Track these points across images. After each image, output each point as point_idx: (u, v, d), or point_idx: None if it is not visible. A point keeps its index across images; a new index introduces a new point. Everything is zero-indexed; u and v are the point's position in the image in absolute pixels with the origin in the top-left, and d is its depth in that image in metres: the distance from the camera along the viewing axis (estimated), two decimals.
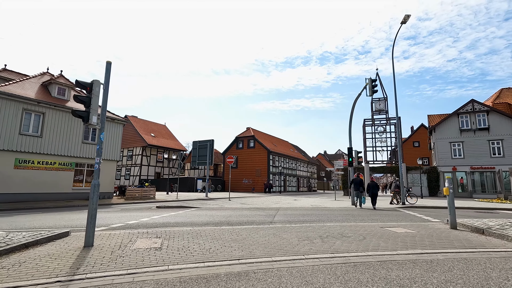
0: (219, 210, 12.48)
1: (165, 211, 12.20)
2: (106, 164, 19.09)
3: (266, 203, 16.93)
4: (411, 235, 6.14)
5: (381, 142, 32.22)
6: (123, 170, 42.93)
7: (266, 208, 13.30)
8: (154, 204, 16.53)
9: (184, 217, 9.69)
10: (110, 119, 19.36)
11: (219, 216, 9.98)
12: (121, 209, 13.05)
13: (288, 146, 54.63)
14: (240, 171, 42.45)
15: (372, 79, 14.81)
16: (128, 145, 42.75)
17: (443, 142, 29.42)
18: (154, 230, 6.52)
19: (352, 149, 15.91)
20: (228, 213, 11.13)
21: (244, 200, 19.79)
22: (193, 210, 12.56)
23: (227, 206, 14.69)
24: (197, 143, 26.64)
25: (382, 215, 10.61)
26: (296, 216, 10.01)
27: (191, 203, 16.58)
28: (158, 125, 48.71)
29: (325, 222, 8.40)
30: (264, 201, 19.46)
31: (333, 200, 20.95)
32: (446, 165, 28.94)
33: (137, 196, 19.50)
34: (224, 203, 16.92)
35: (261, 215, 10.26)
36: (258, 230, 6.67)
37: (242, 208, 13.31)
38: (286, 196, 28.07)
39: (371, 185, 14.11)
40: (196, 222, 8.39)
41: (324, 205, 15.98)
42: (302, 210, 12.65)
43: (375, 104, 32.58)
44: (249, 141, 42.76)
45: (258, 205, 15.25)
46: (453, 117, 29.46)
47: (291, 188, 46.87)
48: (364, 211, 12.19)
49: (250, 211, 12.04)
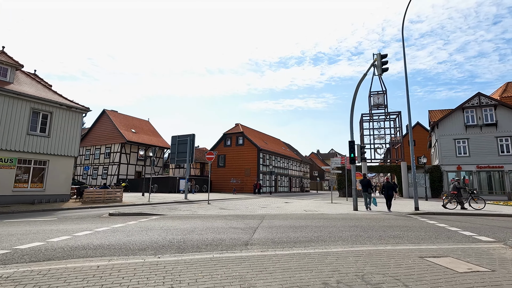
0: (187, 219, 9.58)
1: (115, 220, 9.25)
2: (60, 161, 15.95)
3: (251, 208, 14.09)
4: (487, 281, 3.37)
5: (379, 139, 29.77)
6: (100, 169, 39.47)
7: (248, 216, 10.45)
8: (116, 208, 13.51)
9: (126, 233, 6.77)
10: (65, 106, 16.20)
11: (177, 231, 7.09)
12: (61, 218, 10.03)
13: (280, 144, 51.93)
14: (228, 170, 39.51)
15: (381, 54, 12.14)
16: (106, 141, 39.33)
17: (447, 139, 27.12)
18: (21, 273, 3.58)
19: (355, 143, 13.21)
20: (194, 224, 8.25)
21: (226, 204, 16.90)
22: (153, 219, 9.63)
23: (201, 212, 11.79)
24: (176, 138, 23.61)
25: (402, 227, 7.89)
26: (285, 231, 7.19)
27: (161, 207, 13.61)
28: (140, 121, 45.34)
29: (328, 244, 5.61)
30: (250, 204, 16.62)
31: (329, 203, 18.25)
32: (450, 164, 26.64)
33: (99, 199, 16.40)
34: (200, 207, 14.01)
35: (237, 229, 7.41)
36: (216, 267, 3.82)
37: (218, 216, 10.44)
38: (276, 198, 25.29)
39: (386, 186, 13.07)
40: (132, 244, 5.48)
41: (321, 210, 13.24)
42: (293, 219, 9.85)
43: (374, 98, 30.11)
44: (237, 138, 39.84)
45: (240, 211, 12.40)
46: (458, 112, 27.19)
47: (282, 188, 44.16)
48: (375, 218, 9.49)
49: (226, 220, 9.18)
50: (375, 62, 12.09)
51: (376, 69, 12.15)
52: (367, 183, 13.56)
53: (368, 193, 13.40)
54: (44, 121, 15.41)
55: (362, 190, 13.54)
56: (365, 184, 13.48)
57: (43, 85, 16.94)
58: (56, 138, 15.80)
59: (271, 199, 23.62)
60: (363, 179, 13.82)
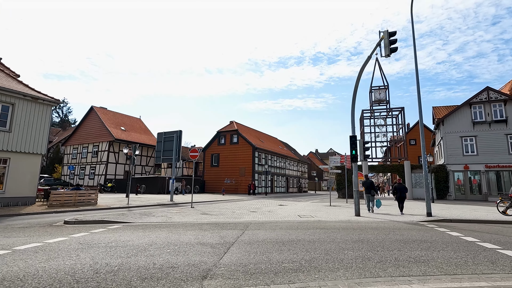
0: (152, 229, 7.79)
1: (63, 231, 7.46)
2: (24, 159, 14.13)
3: (238, 213, 12.31)
4: None
5: (381, 136, 28.05)
6: (87, 169, 37.60)
7: (229, 225, 8.68)
8: (83, 213, 11.70)
9: (52, 253, 4.99)
10: (30, 97, 14.36)
11: (125, 249, 5.32)
12: (4, 226, 8.23)
13: (277, 143, 50.16)
14: (222, 170, 37.71)
15: (390, 32, 10.36)
16: (93, 140, 37.46)
17: (453, 136, 25.42)
18: None
19: (356, 139, 11.45)
20: (155, 238, 6.47)
21: (212, 207, 15.12)
22: (112, 229, 7.85)
23: (176, 219, 10.01)
24: (162, 135, 21.83)
25: (421, 243, 6.14)
26: (268, 249, 5.43)
27: (134, 213, 11.82)
28: (131, 118, 43.48)
29: (324, 275, 3.83)
30: (239, 208, 14.85)
31: (327, 206, 16.50)
32: (457, 163, 24.95)
33: (68, 202, 14.59)
34: (179, 212, 12.23)
35: (205, 246, 5.64)
36: None
37: (193, 225, 8.66)
38: (270, 200, 23.53)
39: (398, 188, 12.24)
40: (29, 279, 3.69)
41: (317, 215, 11.47)
42: (283, 228, 8.08)
43: (375, 93, 28.37)
44: (232, 136, 38.04)
45: (224, 217, 10.63)
46: (465, 108, 25.49)
47: (279, 189, 42.40)
48: (382, 228, 7.74)
49: (199, 232, 7.40)
50: (382, 41, 10.31)
51: (382, 49, 10.38)
52: (370, 184, 12.84)
53: (371, 195, 12.67)
54: (4, 114, 13.57)
55: (365, 191, 12.79)
56: (368, 186, 12.77)
57: (6, 74, 15.11)
58: (19, 133, 13.98)
59: (265, 201, 21.85)
60: (366, 180, 13.03)
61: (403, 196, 12.17)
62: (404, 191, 12.26)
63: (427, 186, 11.07)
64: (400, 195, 12.15)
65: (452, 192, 24.77)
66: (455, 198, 24.63)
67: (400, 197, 12.14)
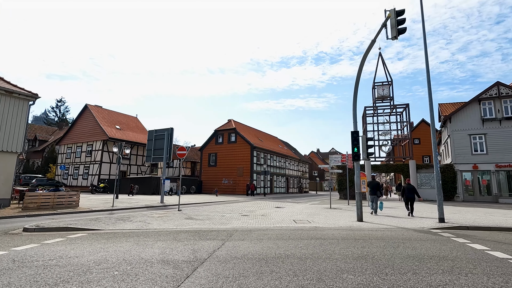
0: (117, 239, 6.63)
1: (17, 241, 6.33)
2: None
3: (228, 217, 11.12)
4: None
5: (384, 135, 26.75)
6: (81, 169, 36.57)
7: (210, 233, 7.49)
8: (61, 218, 10.58)
9: None
10: (4, 91, 13.24)
11: (59, 272, 4.15)
12: None
13: (277, 142, 48.93)
14: (220, 170, 36.54)
15: (397, 11, 9.10)
16: (87, 139, 36.43)
17: (461, 134, 24.09)
18: None
19: (359, 134, 10.22)
20: (113, 252, 5.30)
21: (202, 210, 13.94)
22: (71, 238, 6.71)
23: (154, 225, 8.84)
24: (153, 132, 20.69)
25: (440, 260, 4.91)
26: (245, 271, 4.23)
27: (111, 217, 10.66)
28: (127, 117, 42.42)
29: None
30: (230, 211, 13.66)
31: (327, 209, 15.27)
32: (465, 163, 23.61)
33: (46, 205, 13.46)
34: (162, 217, 11.06)
35: (167, 265, 4.45)
36: None
37: (169, 233, 7.48)
38: (268, 201, 22.32)
39: (407, 189, 11.83)
40: None
41: (315, 220, 10.25)
42: (271, 239, 6.88)
43: (378, 89, 27.07)
44: (230, 135, 36.86)
45: (209, 222, 9.45)
46: (473, 104, 24.15)
47: (279, 189, 41.16)
48: (389, 238, 6.52)
49: (169, 243, 6.22)
50: (388, 21, 9.04)
51: (389, 30, 9.11)
52: (376, 186, 12.32)
53: (377, 196, 12.25)
54: None
55: (370, 193, 12.32)
56: (374, 187, 12.25)
57: None
58: None
59: (262, 202, 20.65)
60: (372, 180, 12.48)
61: (411, 197, 11.70)
62: (413, 192, 11.78)
63: (439, 188, 9.82)
64: (408, 196, 11.73)
65: (460, 193, 23.43)
66: (463, 199, 23.29)
67: (408, 198, 11.70)
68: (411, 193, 11.74)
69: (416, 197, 11.80)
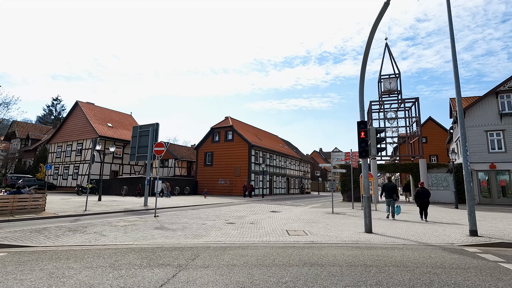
0: (33, 263, 4.77)
1: None
2: None
3: (208, 226, 9.23)
4: None
5: (391, 132, 24.71)
6: (71, 168, 34.90)
7: (169, 254, 5.59)
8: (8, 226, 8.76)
9: None
10: None
11: None
12: None
13: (277, 140, 46.96)
14: (216, 170, 34.67)
15: None
16: (77, 137, 34.77)
17: (477, 131, 21.99)
18: None
19: (367, 125, 8.26)
20: None
21: (181, 217, 12.05)
22: None
23: (107, 238, 6.98)
24: (137, 128, 18.87)
25: None
26: None
27: (64, 227, 8.81)
28: (120, 115, 40.71)
29: None
30: (216, 217, 11.76)
31: (329, 214, 13.32)
32: (481, 162, 21.52)
33: (4, 209, 11.65)
34: (128, 225, 9.19)
35: None
36: None
37: (110, 254, 5.60)
38: (264, 204, 20.40)
39: (421, 192, 11.17)
40: None
41: (314, 230, 8.32)
42: (246, 267, 4.97)
43: (385, 82, 25.04)
44: (227, 132, 34.97)
45: (181, 235, 7.57)
46: (490, 97, 22.05)
47: (279, 190, 39.20)
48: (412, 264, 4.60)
49: (100, 273, 4.33)
50: None
51: None
52: (392, 188, 11.66)
53: (393, 199, 11.53)
54: None
55: (386, 196, 11.71)
56: (390, 189, 11.62)
57: None
58: None
59: (257, 205, 18.74)
60: (388, 183, 11.92)
61: (426, 202, 11.12)
62: (427, 196, 11.14)
63: (469, 190, 7.87)
64: (422, 200, 11.11)
65: (476, 196, 21.33)
66: (479, 202, 21.19)
67: (422, 203, 11.14)
68: (425, 197, 11.12)
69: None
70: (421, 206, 11.22)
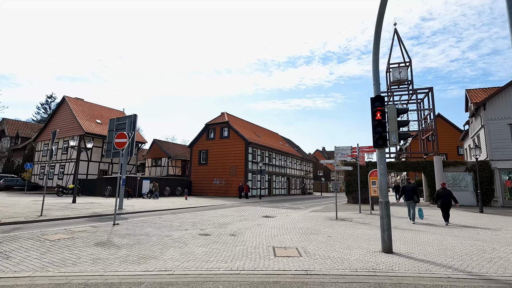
0: None
1: None
2: None
3: (174, 237, 6.94)
4: None
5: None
6: (57, 167, 32.84)
7: None
8: None
9: None
10: None
11: None
12: None
13: (277, 138, 44.59)
14: (211, 169, 32.41)
15: None
16: (63, 134, 32.67)
17: (499, 124, 19.51)
18: None
19: (384, 101, 5.95)
20: None
21: (150, 223, 9.76)
22: None
23: (11, 263, 4.70)
24: (114, 121, 16.64)
25: None
26: None
27: None
28: (111, 111, 38.59)
29: None
30: (192, 224, 9.47)
31: (332, 221, 10.96)
32: (504, 159, 19.04)
33: None
34: (68, 237, 6.92)
35: None
36: None
37: None
38: (259, 207, 18.08)
39: (442, 193, 10.51)
40: None
41: (310, 248, 6.02)
42: None
43: (394, 72, 22.61)
44: (222, 129, 32.70)
45: (119, 260, 5.31)
46: None
47: (278, 190, 36.84)
48: None
49: None
50: None
51: None
52: (412, 189, 10.84)
53: (414, 201, 10.82)
54: None
55: (405, 198, 10.99)
56: (410, 190, 10.86)
57: None
58: None
59: (250, 209, 16.43)
60: (407, 184, 11.18)
61: (447, 203, 10.45)
62: (449, 197, 10.50)
63: None
64: (444, 201, 10.50)
65: (500, 197, 18.84)
66: (503, 205, 18.70)
67: (443, 204, 10.51)
68: (447, 199, 10.50)
69: (453, 202, 10.43)
70: (442, 208, 10.48)
